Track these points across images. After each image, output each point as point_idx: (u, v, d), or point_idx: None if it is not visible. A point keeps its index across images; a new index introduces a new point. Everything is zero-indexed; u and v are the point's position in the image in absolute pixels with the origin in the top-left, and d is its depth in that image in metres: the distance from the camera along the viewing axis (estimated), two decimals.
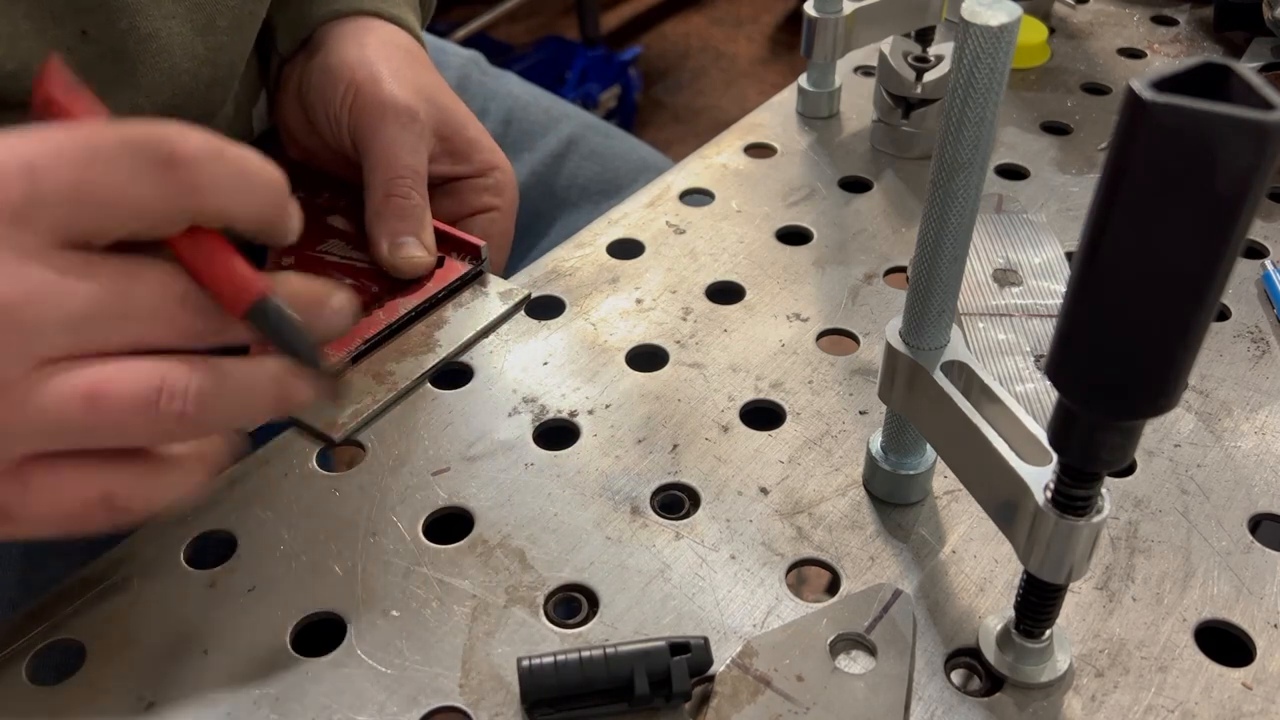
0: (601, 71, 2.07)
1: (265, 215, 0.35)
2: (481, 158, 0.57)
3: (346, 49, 0.56)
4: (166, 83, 0.48)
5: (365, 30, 0.58)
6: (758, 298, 0.52)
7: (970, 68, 0.31)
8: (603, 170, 0.74)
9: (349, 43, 0.56)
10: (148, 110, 0.48)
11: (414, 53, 0.59)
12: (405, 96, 0.53)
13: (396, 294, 0.51)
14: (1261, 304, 0.52)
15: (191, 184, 0.32)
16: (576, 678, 0.35)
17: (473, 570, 0.40)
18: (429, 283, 0.52)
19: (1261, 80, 0.22)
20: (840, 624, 0.37)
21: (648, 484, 0.43)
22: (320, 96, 0.56)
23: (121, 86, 0.47)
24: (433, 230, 0.53)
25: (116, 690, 0.36)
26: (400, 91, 0.53)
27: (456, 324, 0.50)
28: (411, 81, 0.55)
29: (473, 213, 0.57)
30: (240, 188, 0.34)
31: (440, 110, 0.55)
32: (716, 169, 0.61)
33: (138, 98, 0.48)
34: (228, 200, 0.33)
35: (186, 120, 0.48)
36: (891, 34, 0.62)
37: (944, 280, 0.36)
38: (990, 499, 0.36)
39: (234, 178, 0.33)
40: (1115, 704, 0.36)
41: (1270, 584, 0.39)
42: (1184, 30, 0.76)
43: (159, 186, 0.32)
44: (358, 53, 0.56)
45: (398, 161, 0.52)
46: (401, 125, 0.53)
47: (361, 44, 0.56)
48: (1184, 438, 0.45)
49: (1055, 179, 0.61)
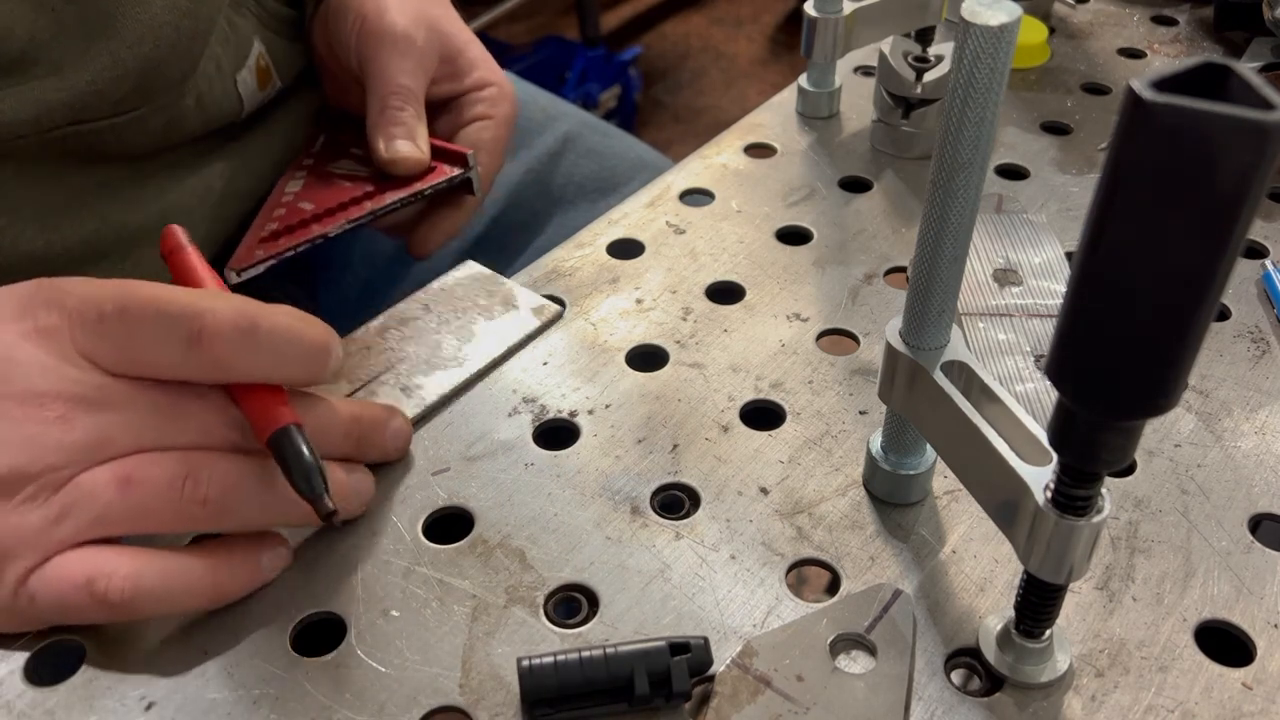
0: (601, 71, 2.07)
1: (298, 376, 0.39)
2: (478, 75, 0.61)
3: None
4: (148, 34, 0.49)
5: None
6: (758, 298, 0.52)
7: (970, 68, 0.31)
8: (600, 168, 0.74)
9: None
10: (130, 63, 0.49)
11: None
12: (405, 24, 0.58)
13: (388, 189, 0.55)
14: (1261, 304, 0.52)
15: (215, 359, 0.37)
16: (576, 678, 0.35)
17: (473, 570, 0.40)
18: (416, 182, 0.56)
19: (1261, 80, 0.22)
20: (840, 624, 0.37)
21: (648, 484, 0.43)
22: (336, 27, 0.60)
23: (104, 37, 0.48)
24: (426, 136, 0.57)
25: (116, 690, 0.36)
26: (401, 20, 0.58)
27: (486, 339, 0.50)
28: (414, 10, 0.59)
29: (467, 123, 0.60)
30: (270, 359, 0.38)
31: (442, 36, 0.60)
32: (716, 169, 0.61)
33: (119, 49, 0.49)
34: (256, 370, 0.37)
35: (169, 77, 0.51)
36: (891, 34, 0.62)
37: (944, 280, 0.36)
38: (990, 499, 0.36)
39: (264, 351, 0.37)
40: (1115, 704, 0.36)
41: (1270, 584, 0.39)
42: (1184, 30, 0.76)
43: (186, 358, 0.36)
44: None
45: (394, 82, 0.57)
46: (400, 51, 0.57)
47: None
48: (1184, 438, 0.45)
49: (1055, 179, 0.61)
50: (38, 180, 0.51)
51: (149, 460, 0.36)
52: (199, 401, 0.38)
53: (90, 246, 0.54)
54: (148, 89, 0.51)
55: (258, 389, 0.38)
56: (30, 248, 0.52)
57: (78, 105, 0.48)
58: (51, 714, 0.35)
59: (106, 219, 0.55)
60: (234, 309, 0.37)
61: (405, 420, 0.44)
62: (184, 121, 0.56)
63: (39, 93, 0.47)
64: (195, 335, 0.36)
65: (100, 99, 0.49)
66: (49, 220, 0.52)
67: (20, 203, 0.51)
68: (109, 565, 0.36)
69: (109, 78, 0.49)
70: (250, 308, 0.38)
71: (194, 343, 0.36)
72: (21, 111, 0.46)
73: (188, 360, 0.37)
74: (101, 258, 0.55)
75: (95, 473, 0.36)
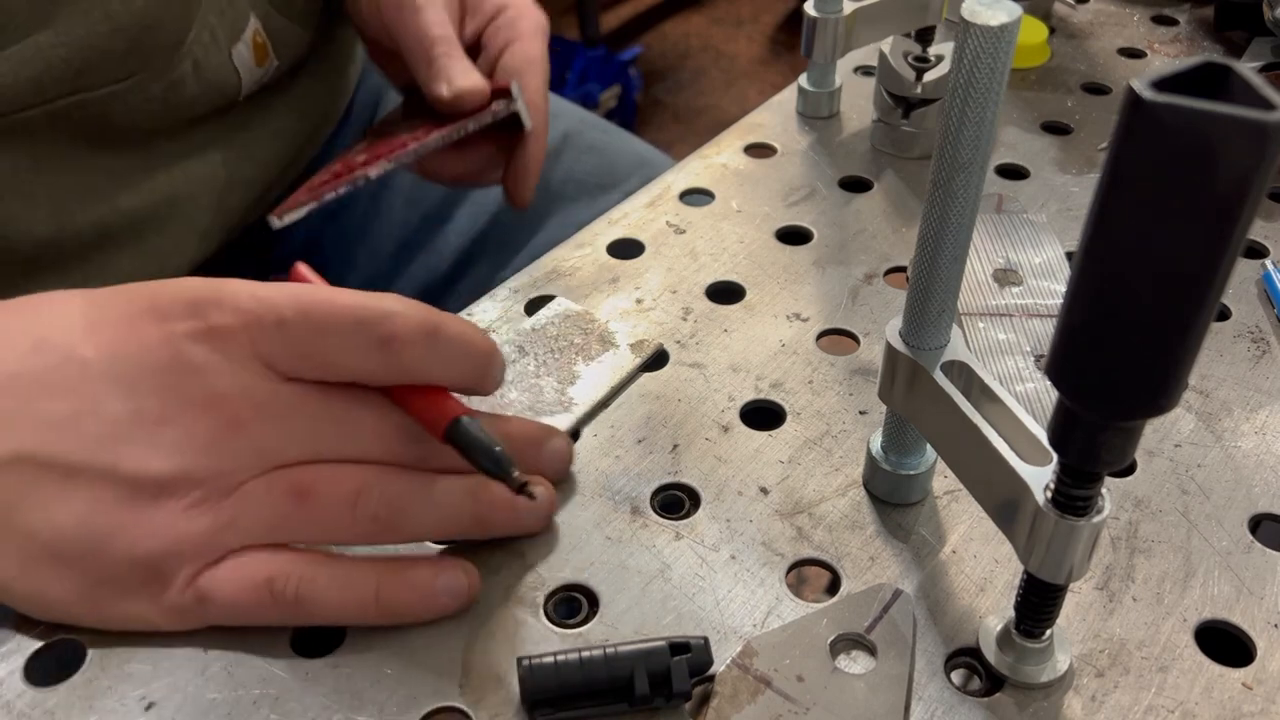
0: (601, 71, 2.07)
1: (468, 381, 0.39)
2: (491, 3, 0.60)
3: None
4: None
5: None
6: (758, 298, 0.52)
7: (970, 68, 0.31)
8: (599, 165, 0.74)
9: None
10: (122, 17, 0.49)
11: None
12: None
13: (444, 122, 0.54)
14: (1261, 304, 0.52)
15: (402, 362, 0.37)
16: (577, 678, 0.35)
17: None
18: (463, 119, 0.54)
19: (1262, 80, 0.22)
20: (840, 624, 0.37)
21: (648, 484, 0.43)
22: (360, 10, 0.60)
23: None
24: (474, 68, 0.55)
25: (116, 690, 0.36)
26: None
27: (589, 380, 0.47)
28: None
29: (499, 52, 0.59)
30: (447, 362, 0.38)
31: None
32: (716, 169, 0.61)
33: (112, 2, 0.49)
34: (434, 371, 0.38)
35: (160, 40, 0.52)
36: (891, 34, 0.62)
37: (944, 280, 0.36)
38: (990, 499, 0.36)
39: (443, 354, 0.37)
40: (1115, 704, 0.36)
41: (1271, 584, 0.39)
42: (1184, 30, 0.76)
43: (374, 360, 0.37)
44: None
45: (428, 36, 0.55)
46: (422, 6, 0.56)
47: None
48: (1184, 438, 0.45)
49: (1055, 179, 0.61)
50: (50, 166, 0.52)
51: (325, 473, 0.37)
52: (368, 408, 0.38)
53: (100, 232, 0.55)
54: (144, 51, 0.52)
55: (426, 390, 0.38)
56: (43, 233, 0.52)
57: (77, 63, 0.48)
58: (51, 714, 0.35)
59: (116, 205, 0.55)
60: (418, 311, 0.37)
61: (565, 439, 0.43)
62: (183, 89, 0.56)
63: (36, 49, 0.47)
64: (386, 339, 0.36)
65: (100, 58, 0.49)
66: (61, 206, 0.53)
67: (33, 188, 0.51)
68: (287, 566, 0.36)
69: (104, 32, 0.49)
70: (430, 312, 0.38)
71: (383, 345, 0.36)
72: (22, 71, 0.46)
73: (377, 363, 0.37)
74: (111, 243, 0.56)
75: (268, 481, 0.36)
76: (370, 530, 0.37)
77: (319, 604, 0.36)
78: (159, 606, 0.36)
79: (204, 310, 0.36)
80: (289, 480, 0.36)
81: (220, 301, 0.36)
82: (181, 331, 0.36)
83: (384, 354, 0.36)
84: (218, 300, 0.36)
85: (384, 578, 0.37)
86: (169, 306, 0.36)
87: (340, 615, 0.37)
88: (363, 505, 0.37)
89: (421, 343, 0.37)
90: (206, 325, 0.36)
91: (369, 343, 0.36)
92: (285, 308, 0.36)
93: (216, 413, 0.36)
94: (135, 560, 0.35)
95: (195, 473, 0.35)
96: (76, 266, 0.54)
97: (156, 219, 0.57)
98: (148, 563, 0.35)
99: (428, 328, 0.37)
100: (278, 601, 0.36)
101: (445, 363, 0.38)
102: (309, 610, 0.36)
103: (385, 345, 0.36)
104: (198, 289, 0.37)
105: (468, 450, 0.37)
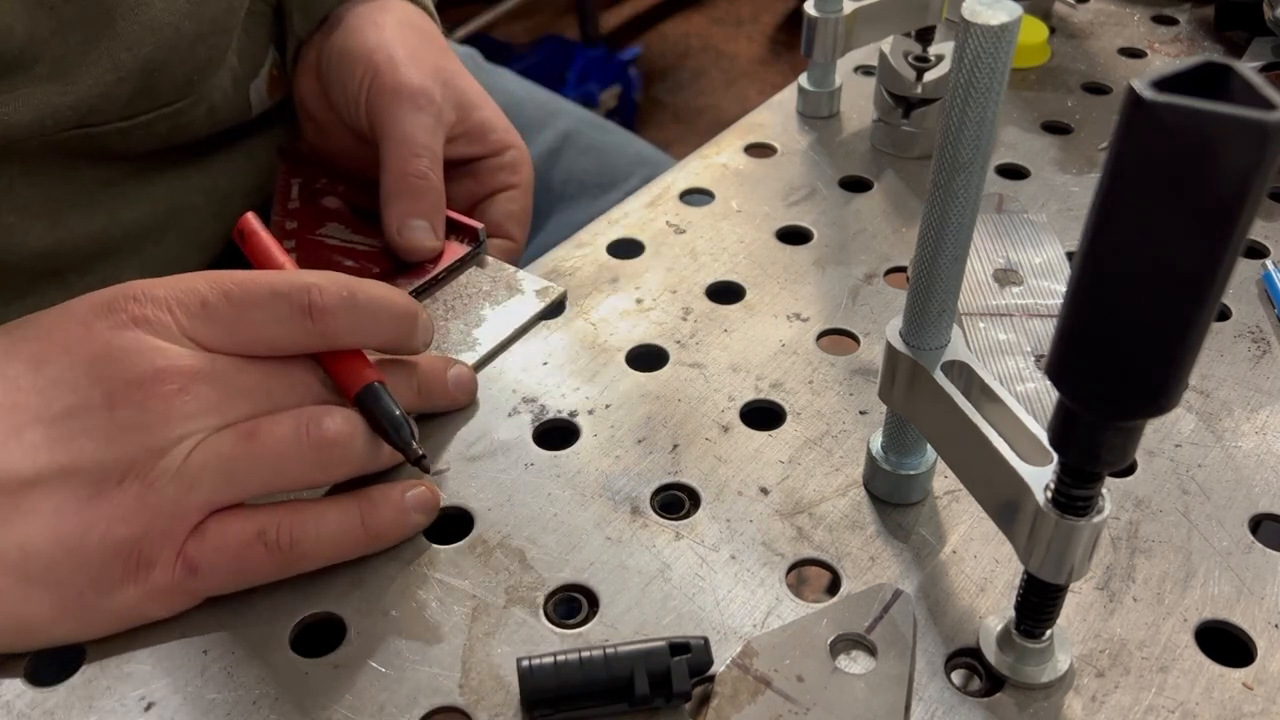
0: (601, 71, 2.07)
1: (394, 342, 0.42)
2: (496, 137, 0.59)
3: (364, 31, 0.57)
4: (148, 35, 0.49)
5: (381, 10, 0.59)
6: (758, 298, 0.52)
7: (970, 68, 0.31)
8: (599, 164, 0.74)
9: (366, 24, 0.58)
10: (130, 65, 0.49)
11: (429, 33, 0.60)
12: (421, 80, 0.54)
13: (397, 276, 0.52)
14: (1261, 304, 0.52)
15: (324, 329, 0.39)
16: (576, 678, 0.35)
17: (473, 570, 0.40)
18: (429, 265, 0.53)
19: (1262, 80, 0.22)
20: (840, 624, 0.37)
21: (648, 484, 0.43)
22: (338, 78, 0.57)
23: (104, 38, 0.48)
24: (444, 216, 0.54)
25: (116, 690, 0.36)
26: (417, 75, 0.55)
27: (494, 322, 0.50)
28: (428, 64, 0.56)
29: (491, 193, 0.59)
30: (369, 326, 0.41)
31: (456, 92, 0.57)
32: (716, 169, 0.61)
33: (119, 50, 0.48)
34: (356, 337, 0.40)
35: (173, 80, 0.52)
36: (891, 34, 0.62)
37: (944, 280, 0.36)
38: (990, 499, 0.36)
39: (364, 318, 0.40)
40: (1116, 704, 0.36)
41: (1271, 584, 0.39)
42: (1184, 30, 0.76)
43: (299, 330, 0.39)
44: (375, 35, 0.57)
45: (414, 141, 0.53)
46: (418, 107, 0.54)
47: (378, 25, 0.57)
48: (1184, 438, 0.45)
49: (1055, 179, 0.61)
50: (46, 178, 0.51)
51: (269, 418, 0.38)
52: (298, 369, 0.40)
53: (98, 243, 0.54)
54: (151, 91, 0.51)
55: (345, 355, 0.41)
56: (39, 244, 0.52)
57: (83, 109, 0.48)
58: (51, 714, 0.35)
59: (114, 216, 0.55)
60: (334, 281, 0.40)
61: (466, 367, 0.46)
62: (192, 127, 0.56)
63: (42, 96, 0.46)
64: (306, 309, 0.39)
65: (105, 102, 0.49)
66: (58, 217, 0.52)
67: (29, 200, 0.51)
68: (272, 517, 0.37)
69: (111, 80, 0.48)
70: (345, 279, 0.40)
71: (304, 315, 0.39)
72: (25, 114, 0.46)
73: (302, 333, 0.39)
74: (110, 254, 0.55)
75: (219, 435, 0.37)
76: (320, 459, 0.38)
77: (313, 542, 0.37)
78: (149, 591, 0.36)
79: (123, 306, 0.37)
80: (237, 430, 0.37)
81: (136, 296, 0.38)
82: (105, 326, 0.37)
83: (306, 323, 0.39)
84: (133, 295, 0.38)
85: (362, 504, 0.39)
86: (85, 313, 0.38)
87: (334, 549, 0.38)
88: (313, 434, 0.38)
89: (341, 309, 0.39)
90: (128, 316, 0.37)
91: (290, 313, 0.39)
92: (204, 291, 0.38)
93: (162, 385, 0.36)
94: (115, 548, 0.35)
95: (153, 444, 0.36)
96: (77, 278, 0.54)
97: (156, 229, 0.57)
98: (128, 547, 0.35)
99: (344, 295, 0.39)
100: (271, 552, 0.37)
101: (367, 327, 0.40)
102: (304, 551, 0.37)
103: (306, 314, 0.39)
104: (109, 292, 0.38)
105: (372, 416, 0.40)
